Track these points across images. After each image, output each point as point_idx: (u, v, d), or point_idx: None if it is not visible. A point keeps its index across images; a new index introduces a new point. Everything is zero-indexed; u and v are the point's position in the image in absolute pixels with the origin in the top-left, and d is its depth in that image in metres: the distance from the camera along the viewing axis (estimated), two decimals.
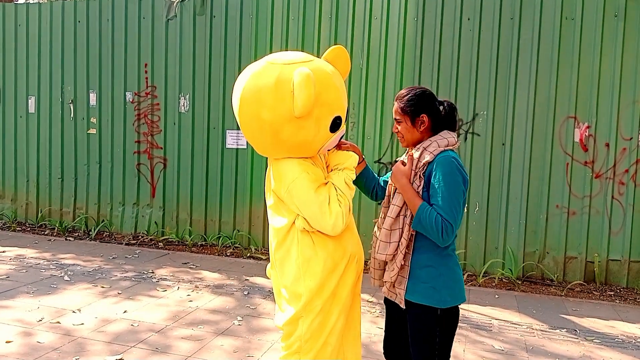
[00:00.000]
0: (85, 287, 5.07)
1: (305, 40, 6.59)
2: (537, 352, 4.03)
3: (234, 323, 4.35)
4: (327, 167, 2.57)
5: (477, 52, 6.05)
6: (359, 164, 2.62)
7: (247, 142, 6.86)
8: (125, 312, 4.47)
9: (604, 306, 5.23)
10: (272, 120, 2.30)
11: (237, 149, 6.97)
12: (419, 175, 2.30)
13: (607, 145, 5.80)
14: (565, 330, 4.51)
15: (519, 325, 4.61)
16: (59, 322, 4.17)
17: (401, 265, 2.32)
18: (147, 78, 7.30)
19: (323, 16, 6.51)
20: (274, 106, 2.28)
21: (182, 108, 7.16)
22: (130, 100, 7.38)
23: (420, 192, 2.29)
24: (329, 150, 2.51)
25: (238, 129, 6.91)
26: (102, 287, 5.11)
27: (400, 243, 2.31)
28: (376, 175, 2.73)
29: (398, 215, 2.33)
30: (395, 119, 2.41)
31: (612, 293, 5.63)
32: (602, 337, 4.40)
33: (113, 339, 3.92)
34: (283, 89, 2.26)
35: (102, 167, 7.57)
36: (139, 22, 7.25)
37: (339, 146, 2.55)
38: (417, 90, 2.38)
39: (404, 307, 2.35)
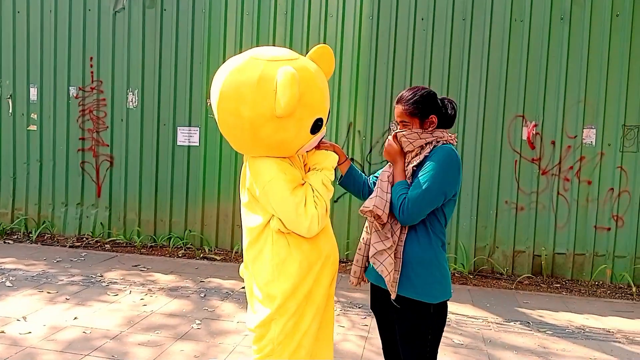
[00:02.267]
0: (30, 293, 4.79)
1: (260, 36, 6.50)
2: (496, 344, 4.14)
3: (192, 327, 4.21)
4: (305, 166, 2.51)
5: (430, 51, 6.16)
6: (342, 163, 2.57)
7: (199, 140, 6.73)
8: (75, 318, 4.25)
9: (552, 298, 5.44)
10: (252, 118, 2.21)
11: (188, 146, 6.78)
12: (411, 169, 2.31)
13: (553, 143, 6.03)
14: (519, 322, 4.66)
15: (475, 318, 4.72)
16: (3, 332, 3.91)
17: (394, 255, 2.29)
18: (92, 72, 6.98)
19: (278, 12, 6.44)
20: (254, 103, 2.19)
21: (130, 104, 6.90)
22: (74, 95, 7.04)
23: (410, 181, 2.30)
24: (307, 151, 2.45)
25: (190, 125, 6.74)
26: (49, 292, 4.84)
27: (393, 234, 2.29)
28: (363, 174, 2.67)
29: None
30: (401, 122, 2.36)
31: (558, 285, 5.87)
32: (554, 328, 4.57)
33: (65, 347, 3.71)
34: (265, 87, 2.17)
35: (43, 166, 7.18)
36: (84, 14, 6.92)
37: (318, 146, 2.49)
38: (423, 91, 2.35)
39: (393, 299, 2.30)
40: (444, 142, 2.31)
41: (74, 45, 6.97)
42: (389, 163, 2.42)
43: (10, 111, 7.18)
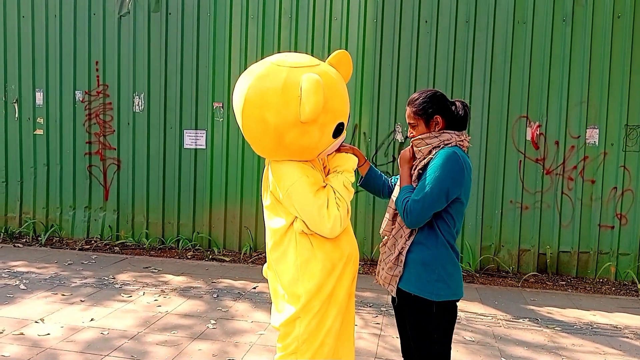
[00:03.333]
0: (44, 295, 4.84)
1: (265, 40, 6.55)
2: (506, 340, 4.22)
3: (208, 327, 4.27)
4: (324, 168, 2.58)
5: (434, 54, 6.24)
6: (362, 165, 2.64)
7: (205, 143, 6.79)
8: (92, 319, 4.30)
9: (558, 295, 5.52)
10: (277, 124, 2.27)
11: (195, 149, 6.84)
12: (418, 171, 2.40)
13: (557, 143, 6.12)
14: (527, 319, 4.74)
15: (484, 316, 4.79)
16: (22, 334, 3.96)
17: (398, 253, 2.39)
18: (98, 76, 7.03)
19: (283, 15, 6.50)
20: (279, 110, 2.25)
21: (137, 107, 6.95)
22: (80, 99, 7.09)
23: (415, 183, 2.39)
24: (328, 154, 2.52)
25: (196, 128, 6.80)
26: (63, 294, 4.89)
27: (402, 234, 2.41)
28: (383, 174, 2.75)
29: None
30: (409, 123, 2.46)
31: (563, 283, 5.96)
32: (562, 324, 4.65)
33: (85, 348, 3.77)
34: (290, 93, 2.23)
35: (50, 170, 7.22)
36: (89, 18, 6.97)
37: (338, 149, 2.56)
38: (429, 93, 2.43)
39: (395, 296, 2.43)
40: (451, 144, 2.37)
41: (79, 49, 7.02)
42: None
43: (17, 116, 7.22)
